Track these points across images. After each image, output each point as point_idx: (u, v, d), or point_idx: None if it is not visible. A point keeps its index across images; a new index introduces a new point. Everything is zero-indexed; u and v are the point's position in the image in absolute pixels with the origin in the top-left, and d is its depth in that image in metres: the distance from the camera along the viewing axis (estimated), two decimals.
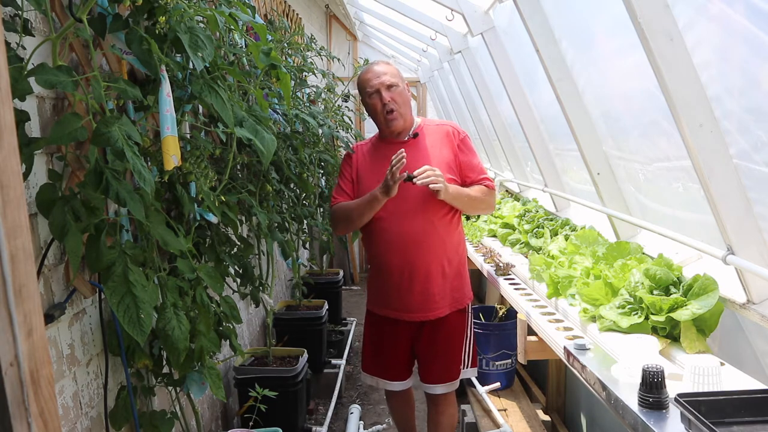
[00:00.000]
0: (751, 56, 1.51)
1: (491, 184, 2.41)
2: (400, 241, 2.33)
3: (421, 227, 2.31)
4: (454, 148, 2.38)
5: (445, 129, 2.42)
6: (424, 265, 2.33)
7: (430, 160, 2.32)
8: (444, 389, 2.50)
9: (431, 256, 2.34)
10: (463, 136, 2.42)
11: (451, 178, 2.31)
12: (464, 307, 2.49)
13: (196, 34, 1.42)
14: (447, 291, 2.41)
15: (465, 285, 2.49)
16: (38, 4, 1.18)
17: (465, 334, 2.52)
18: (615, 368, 1.57)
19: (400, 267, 2.34)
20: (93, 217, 1.31)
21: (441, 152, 2.36)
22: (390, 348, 2.50)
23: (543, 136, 3.26)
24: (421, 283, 2.35)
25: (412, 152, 2.28)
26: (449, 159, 2.36)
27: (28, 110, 1.26)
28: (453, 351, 2.49)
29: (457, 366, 2.50)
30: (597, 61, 2.41)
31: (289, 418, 2.69)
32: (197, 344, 1.63)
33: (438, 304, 2.40)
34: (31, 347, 0.60)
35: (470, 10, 3.27)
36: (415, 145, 2.36)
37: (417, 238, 2.32)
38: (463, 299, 2.48)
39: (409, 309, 2.39)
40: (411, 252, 2.32)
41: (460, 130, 2.44)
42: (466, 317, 2.51)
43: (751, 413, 1.25)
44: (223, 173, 1.84)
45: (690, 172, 1.78)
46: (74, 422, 1.51)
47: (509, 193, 4.45)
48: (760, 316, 1.57)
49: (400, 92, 2.33)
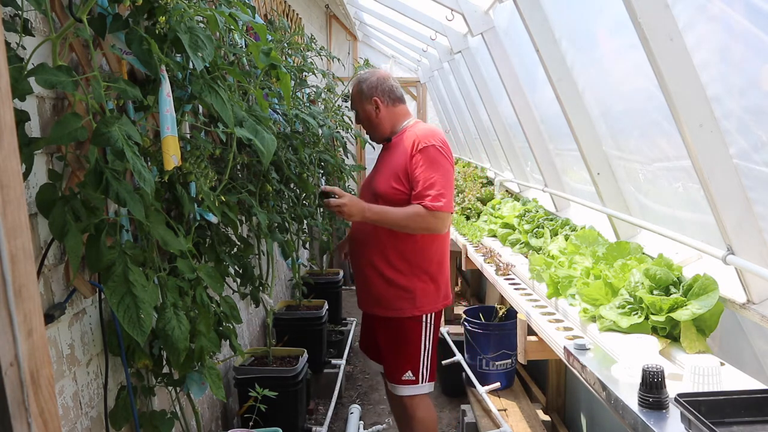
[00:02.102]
0: (751, 56, 1.51)
1: (431, 205, 2.27)
2: (353, 235, 2.58)
3: (363, 227, 2.45)
4: (407, 158, 2.34)
5: (411, 137, 2.36)
6: (362, 262, 2.50)
7: (383, 167, 2.47)
8: (394, 388, 2.51)
9: (369, 255, 2.46)
10: (422, 147, 2.31)
11: (394, 187, 2.35)
12: (410, 316, 2.42)
13: (196, 34, 1.42)
14: (389, 294, 2.41)
15: (418, 295, 2.41)
16: (38, 4, 1.18)
17: (420, 341, 2.45)
18: (615, 368, 1.57)
19: (352, 260, 2.61)
20: (93, 217, 1.31)
21: (393, 160, 2.41)
22: (364, 331, 2.73)
23: (543, 136, 3.26)
24: (361, 280, 2.54)
25: (381, 157, 2.55)
26: (398, 168, 2.36)
27: (28, 110, 1.26)
28: (401, 351, 2.47)
29: (398, 372, 2.47)
30: (597, 61, 2.41)
31: (289, 418, 2.69)
32: (197, 344, 1.63)
33: (372, 303, 2.48)
34: (31, 347, 0.60)
35: (470, 10, 3.27)
36: (386, 149, 2.53)
37: (359, 236, 2.50)
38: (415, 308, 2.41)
39: (361, 300, 2.59)
40: (355, 247, 2.55)
41: (425, 141, 2.33)
42: (421, 326, 2.44)
43: (751, 413, 1.25)
44: (223, 173, 1.84)
45: (690, 172, 1.78)
46: (74, 422, 1.51)
47: (509, 193, 4.45)
48: (760, 316, 1.57)
49: (362, 119, 2.54)
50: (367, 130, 2.58)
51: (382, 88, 2.48)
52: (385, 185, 2.39)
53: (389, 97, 2.49)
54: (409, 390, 2.48)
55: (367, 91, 2.48)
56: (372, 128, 2.53)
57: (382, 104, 2.47)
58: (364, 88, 2.49)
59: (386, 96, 2.48)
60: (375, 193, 2.42)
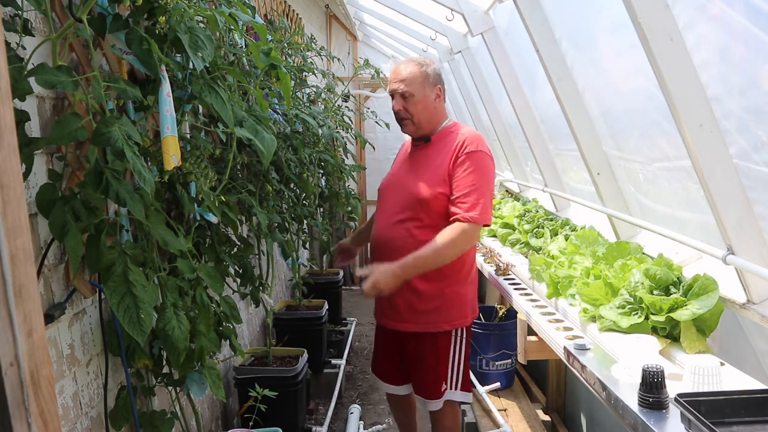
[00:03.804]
0: (751, 56, 1.51)
1: (465, 216, 2.11)
2: (378, 243, 2.34)
3: (397, 233, 2.26)
4: (449, 160, 2.19)
5: (458, 138, 2.22)
6: None
7: (422, 169, 2.26)
8: (429, 405, 2.38)
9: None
10: (470, 151, 2.17)
11: (439, 192, 2.18)
12: (441, 330, 2.28)
13: (196, 34, 1.42)
14: (418, 308, 2.26)
15: (447, 308, 2.27)
16: (38, 4, 1.18)
17: (448, 356, 2.32)
18: (615, 368, 1.57)
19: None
20: (93, 217, 1.31)
21: (436, 162, 2.24)
22: (380, 350, 2.55)
23: (543, 136, 3.26)
24: None
25: (416, 157, 2.33)
26: (443, 171, 2.20)
27: (28, 110, 1.26)
28: (430, 370, 2.33)
29: (437, 385, 2.34)
30: (597, 61, 2.41)
31: (289, 418, 2.69)
32: (197, 344, 1.63)
33: (404, 317, 2.30)
34: (31, 347, 0.60)
35: (470, 10, 3.27)
36: (423, 150, 2.32)
37: (389, 244, 2.27)
38: (439, 323, 2.27)
39: (383, 314, 2.40)
40: (383, 257, 2.23)
41: (474, 146, 2.19)
42: (450, 340, 2.31)
43: (751, 413, 1.25)
44: (223, 173, 1.84)
45: (690, 172, 1.78)
46: (74, 422, 1.51)
47: (509, 193, 4.45)
48: (760, 316, 1.57)
49: (415, 102, 2.25)
50: (414, 118, 2.27)
51: (442, 79, 2.31)
52: (431, 190, 2.20)
53: (444, 92, 2.33)
54: (455, 396, 2.36)
55: (433, 75, 2.26)
56: (425, 116, 2.27)
57: (441, 96, 2.30)
58: (430, 71, 2.26)
59: (444, 89, 2.32)
60: (419, 198, 2.22)
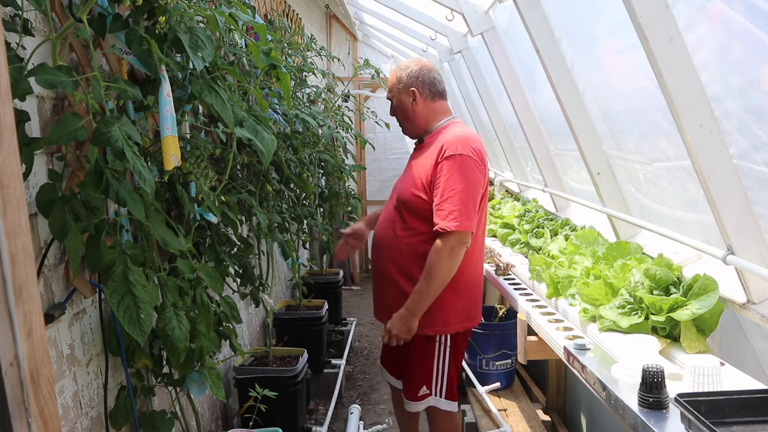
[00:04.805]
0: (751, 56, 1.51)
1: (442, 226, 2.06)
2: (373, 240, 2.42)
3: (385, 233, 2.32)
4: (432, 164, 2.15)
5: (441, 142, 2.17)
6: (381, 270, 2.35)
7: (410, 171, 2.30)
8: (407, 404, 2.33)
9: (386, 264, 2.30)
10: (449, 155, 2.10)
11: (416, 195, 2.17)
12: (422, 334, 2.21)
13: (196, 34, 1.42)
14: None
15: (429, 313, 2.18)
16: (38, 4, 1.18)
17: (430, 361, 2.26)
18: (615, 368, 1.57)
19: (373, 267, 2.45)
20: (93, 217, 1.31)
21: (420, 164, 2.23)
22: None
23: (543, 136, 3.25)
24: (379, 287, 2.39)
25: (413, 158, 2.36)
26: (423, 174, 2.18)
27: (28, 110, 1.26)
28: (411, 371, 2.31)
29: (413, 386, 2.29)
30: (597, 61, 2.41)
31: (289, 418, 2.69)
32: (197, 344, 1.63)
33: (387, 315, 2.28)
34: (31, 347, 0.60)
35: (470, 10, 3.27)
36: (418, 151, 2.33)
37: (380, 242, 2.35)
38: (421, 326, 2.18)
39: (378, 311, 2.43)
40: (375, 254, 2.38)
41: (453, 149, 2.11)
42: (434, 345, 2.25)
43: (751, 413, 1.25)
44: (223, 173, 1.84)
45: (690, 172, 1.78)
46: (74, 422, 1.51)
47: (509, 193, 4.45)
48: (760, 316, 1.57)
49: (395, 105, 2.35)
50: (401, 124, 2.38)
51: (423, 78, 2.28)
52: (408, 192, 2.22)
53: (429, 90, 2.28)
54: (419, 406, 2.31)
55: (406, 79, 2.28)
56: (405, 122, 2.34)
57: (420, 96, 2.27)
58: (404, 75, 2.28)
59: (426, 88, 2.28)
60: (402, 199, 2.25)
